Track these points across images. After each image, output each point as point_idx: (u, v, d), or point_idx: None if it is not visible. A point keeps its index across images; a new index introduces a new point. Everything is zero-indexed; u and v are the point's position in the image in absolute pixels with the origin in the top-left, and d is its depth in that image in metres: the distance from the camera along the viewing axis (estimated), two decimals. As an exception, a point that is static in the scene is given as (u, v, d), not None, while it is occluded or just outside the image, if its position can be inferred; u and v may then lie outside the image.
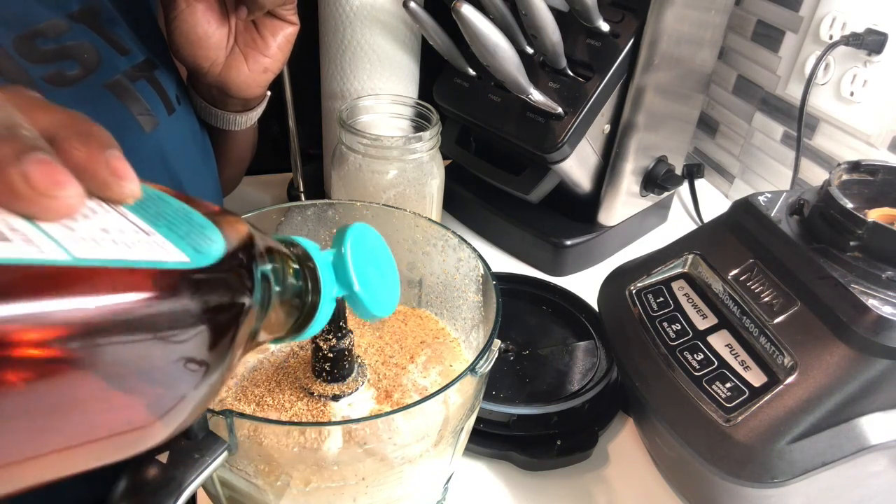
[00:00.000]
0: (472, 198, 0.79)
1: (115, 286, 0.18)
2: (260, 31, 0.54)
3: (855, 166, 0.46)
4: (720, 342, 0.44)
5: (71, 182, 0.17)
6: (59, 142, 0.19)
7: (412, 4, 0.61)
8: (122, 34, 0.51)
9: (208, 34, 0.51)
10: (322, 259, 0.30)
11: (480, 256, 0.44)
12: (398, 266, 0.50)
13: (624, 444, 0.55)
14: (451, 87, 0.73)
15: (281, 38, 0.55)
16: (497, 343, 0.37)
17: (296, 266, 0.28)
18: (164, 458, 0.29)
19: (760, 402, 0.39)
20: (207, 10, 0.51)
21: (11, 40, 0.44)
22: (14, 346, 0.15)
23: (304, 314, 0.29)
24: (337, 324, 0.38)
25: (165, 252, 0.20)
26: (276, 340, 0.29)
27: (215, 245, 0.22)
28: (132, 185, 0.20)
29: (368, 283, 0.31)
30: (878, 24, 0.67)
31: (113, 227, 0.19)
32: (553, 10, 0.59)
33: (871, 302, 0.38)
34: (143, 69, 0.52)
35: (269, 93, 0.61)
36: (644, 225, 0.81)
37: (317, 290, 0.29)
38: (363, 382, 0.41)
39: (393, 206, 0.48)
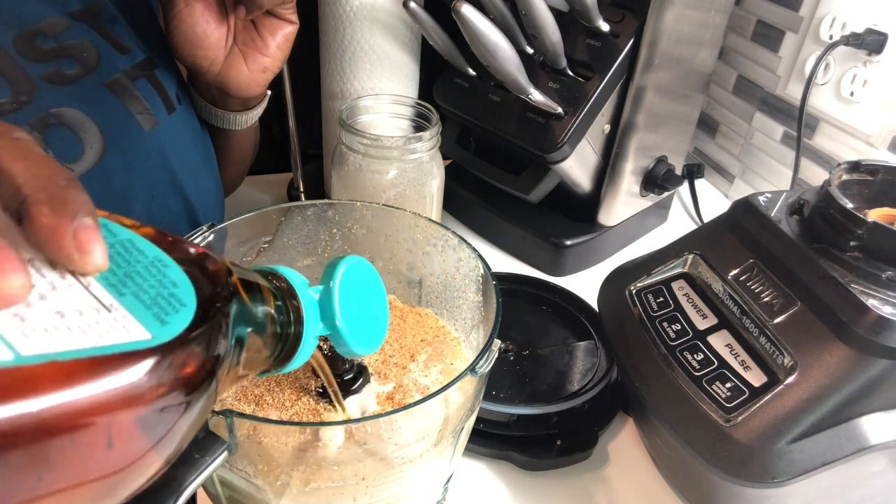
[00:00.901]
0: (472, 198, 0.79)
1: (62, 380, 0.17)
2: (259, 31, 0.54)
3: (855, 166, 0.46)
4: (720, 342, 0.44)
5: (15, 271, 0.17)
6: (29, 205, 0.19)
7: (412, 4, 0.61)
8: (122, 33, 0.51)
9: (207, 33, 0.51)
10: (307, 296, 0.29)
11: (480, 256, 0.44)
12: (398, 266, 0.50)
13: (624, 444, 0.55)
14: (451, 87, 0.73)
15: (280, 38, 0.54)
16: (497, 343, 0.37)
17: (279, 303, 0.28)
18: (163, 457, 0.29)
19: (760, 402, 0.39)
20: (206, 9, 0.50)
21: (11, 39, 0.44)
22: None
23: (285, 350, 0.29)
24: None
25: (126, 332, 0.20)
26: (261, 374, 0.29)
27: (184, 310, 0.22)
28: (96, 258, 0.19)
29: (353, 322, 0.30)
30: (878, 24, 0.67)
31: (70, 309, 0.19)
32: (553, 10, 0.59)
33: (871, 302, 0.38)
34: (144, 68, 0.52)
35: (269, 92, 0.61)
36: (644, 225, 0.81)
37: (299, 325, 0.29)
38: (363, 382, 0.41)
39: (393, 206, 0.48)
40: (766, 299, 0.42)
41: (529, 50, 0.66)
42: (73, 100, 0.45)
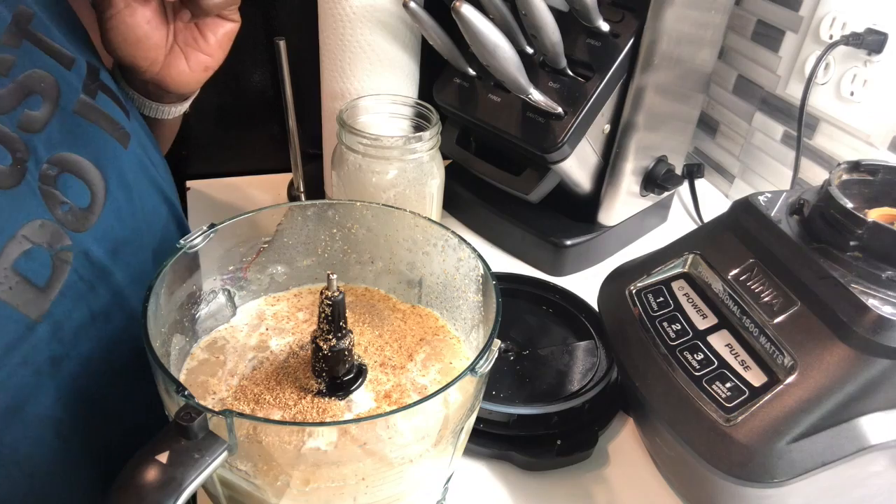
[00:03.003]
0: (472, 198, 0.79)
1: None
2: (201, 30, 0.53)
3: (855, 166, 0.46)
4: (720, 342, 0.44)
5: None
6: None
7: (412, 4, 0.61)
8: (59, 39, 0.48)
9: (148, 35, 0.50)
10: None
11: (480, 256, 0.44)
12: (398, 266, 0.50)
13: (624, 444, 0.55)
14: (451, 87, 0.73)
15: (222, 36, 0.53)
16: (497, 343, 0.37)
17: None
18: (164, 458, 0.29)
19: (760, 402, 0.39)
20: (147, 10, 0.49)
21: None
22: None
23: None
24: (337, 324, 0.38)
25: None
26: None
27: None
28: None
29: None
30: (878, 24, 0.67)
31: None
32: (553, 10, 0.59)
33: (871, 302, 0.38)
34: (93, 78, 0.49)
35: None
36: (644, 225, 0.81)
37: None
38: (363, 382, 0.41)
39: (393, 206, 0.48)
40: (766, 299, 0.42)
41: (529, 50, 0.66)
42: (57, 142, 0.43)
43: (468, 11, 0.54)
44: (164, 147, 0.68)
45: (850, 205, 0.41)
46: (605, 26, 0.63)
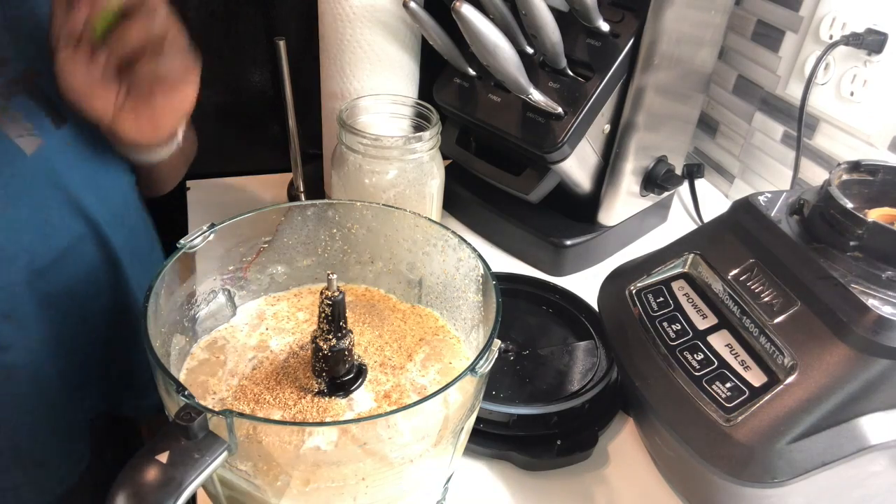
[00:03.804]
0: (472, 198, 0.79)
1: None
2: (154, 90, 0.49)
3: (855, 166, 0.46)
4: (720, 342, 0.44)
5: None
6: None
7: (412, 4, 0.61)
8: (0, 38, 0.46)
9: (89, 85, 0.46)
10: None
11: (480, 256, 0.44)
12: (398, 266, 0.50)
13: (624, 444, 0.55)
14: (451, 87, 0.73)
15: (176, 101, 0.50)
16: (497, 343, 0.37)
17: None
18: (164, 458, 0.29)
19: (760, 402, 0.39)
20: (90, 63, 0.45)
21: None
22: None
23: None
24: (337, 324, 0.38)
25: None
26: None
27: None
28: None
29: None
30: (878, 24, 0.67)
31: None
32: (553, 10, 0.59)
33: (871, 302, 0.38)
34: (22, 81, 0.47)
35: (179, 134, 0.55)
36: (644, 225, 0.81)
37: None
38: (363, 382, 0.41)
39: (393, 206, 0.48)
40: (766, 299, 0.42)
41: (529, 50, 0.66)
42: None
43: (468, 11, 0.54)
44: (163, 182, 0.65)
45: (850, 205, 0.41)
46: (605, 26, 0.63)
